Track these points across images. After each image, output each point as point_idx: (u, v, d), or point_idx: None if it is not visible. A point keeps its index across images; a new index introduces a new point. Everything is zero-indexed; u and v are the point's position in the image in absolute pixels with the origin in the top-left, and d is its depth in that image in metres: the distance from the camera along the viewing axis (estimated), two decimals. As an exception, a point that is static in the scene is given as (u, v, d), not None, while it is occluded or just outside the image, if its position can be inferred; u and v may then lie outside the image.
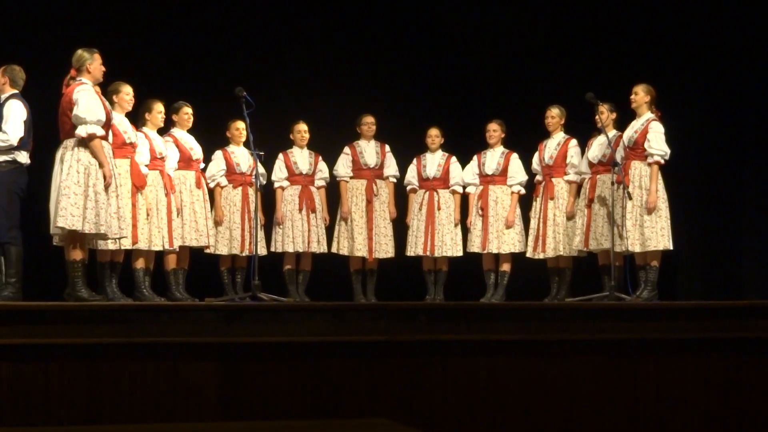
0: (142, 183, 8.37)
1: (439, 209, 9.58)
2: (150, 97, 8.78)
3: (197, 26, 10.06)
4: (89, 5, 9.60)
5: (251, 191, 9.16)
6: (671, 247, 8.57)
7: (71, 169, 7.27)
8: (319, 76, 10.26)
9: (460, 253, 9.59)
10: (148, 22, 9.88)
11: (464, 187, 9.62)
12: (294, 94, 10.15)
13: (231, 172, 9.40)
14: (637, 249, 8.49)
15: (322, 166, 9.66)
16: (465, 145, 9.70)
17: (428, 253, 9.61)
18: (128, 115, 8.44)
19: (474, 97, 10.47)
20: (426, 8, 10.47)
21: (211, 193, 9.31)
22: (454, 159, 9.68)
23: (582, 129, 9.20)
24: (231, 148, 9.50)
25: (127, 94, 8.30)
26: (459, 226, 9.59)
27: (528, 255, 9.45)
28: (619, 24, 10.44)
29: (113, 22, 9.65)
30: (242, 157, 9.42)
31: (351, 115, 9.80)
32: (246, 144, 9.26)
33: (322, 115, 9.85)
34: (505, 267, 9.56)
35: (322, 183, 9.69)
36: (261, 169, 9.09)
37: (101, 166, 7.29)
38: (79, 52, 7.50)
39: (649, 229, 8.45)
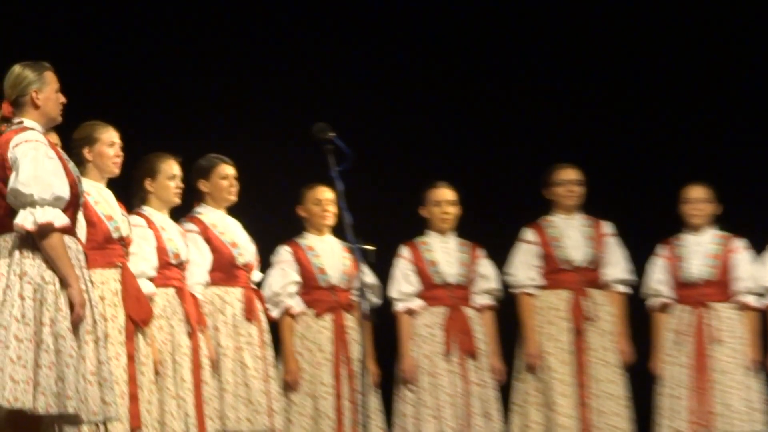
0: (146, 314, 6.43)
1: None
2: (156, 150, 6.80)
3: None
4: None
5: (351, 321, 7.28)
6: None
7: (8, 294, 5.56)
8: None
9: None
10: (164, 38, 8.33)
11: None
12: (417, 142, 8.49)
13: (311, 285, 7.31)
14: None
15: (487, 267, 7.49)
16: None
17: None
18: (115, 183, 6.46)
19: None
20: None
21: (275, 327, 7.29)
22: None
23: None
24: (309, 239, 7.43)
25: (110, 144, 6.31)
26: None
27: None
28: None
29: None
30: (331, 256, 7.41)
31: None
32: (338, 230, 7.33)
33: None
34: None
35: (487, 299, 7.34)
36: (370, 278, 7.25)
37: (65, 284, 5.55)
38: (17, 70, 5.68)
39: None
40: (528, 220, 7.72)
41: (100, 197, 6.21)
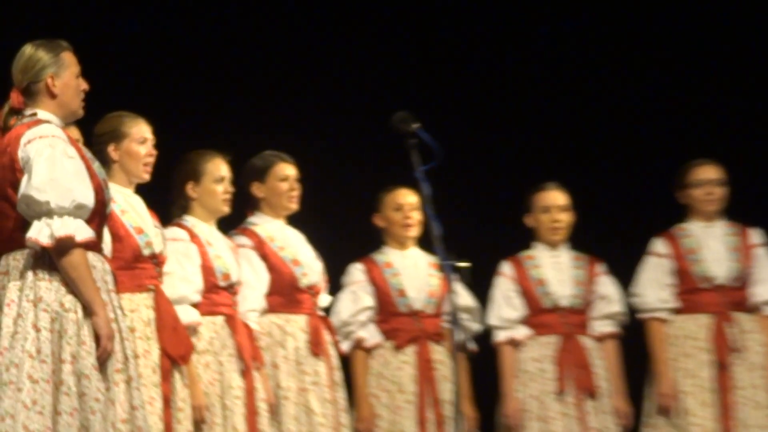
0: (184, 349, 5.71)
1: None
2: (198, 147, 6.09)
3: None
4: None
5: (441, 354, 6.54)
6: None
7: (20, 325, 4.97)
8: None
9: None
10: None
11: None
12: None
13: (389, 311, 6.58)
14: None
15: (608, 287, 6.74)
16: None
17: None
18: (146, 188, 5.69)
19: None
20: None
21: (346, 362, 6.58)
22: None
23: None
24: (388, 254, 6.70)
25: (141, 140, 5.61)
26: None
27: None
28: None
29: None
30: (413, 274, 6.62)
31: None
32: (425, 243, 6.65)
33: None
34: None
35: (609, 326, 6.59)
36: (465, 300, 6.49)
37: (89, 311, 4.92)
38: (29, 51, 5.04)
39: None
40: (659, 228, 6.96)
41: (127, 205, 5.55)
